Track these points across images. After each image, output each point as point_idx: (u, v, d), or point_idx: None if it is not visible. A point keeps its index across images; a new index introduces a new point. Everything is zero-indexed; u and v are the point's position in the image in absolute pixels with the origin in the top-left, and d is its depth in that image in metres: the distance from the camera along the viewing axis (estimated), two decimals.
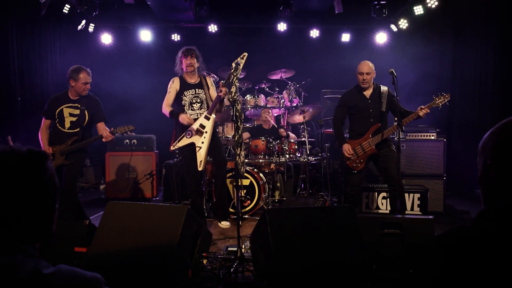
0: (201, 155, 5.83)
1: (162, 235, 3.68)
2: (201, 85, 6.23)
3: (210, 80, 6.41)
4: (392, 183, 5.86)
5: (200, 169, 5.84)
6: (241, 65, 5.22)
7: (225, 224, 6.26)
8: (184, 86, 6.19)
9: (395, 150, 5.67)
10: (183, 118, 5.97)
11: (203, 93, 6.20)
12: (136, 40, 10.81)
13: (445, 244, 1.44)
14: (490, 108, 8.63)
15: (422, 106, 5.71)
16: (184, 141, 6.01)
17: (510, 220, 1.36)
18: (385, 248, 4.16)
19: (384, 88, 6.16)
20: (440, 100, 5.78)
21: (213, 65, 8.51)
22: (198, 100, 6.16)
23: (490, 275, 1.30)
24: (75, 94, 5.95)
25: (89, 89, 5.99)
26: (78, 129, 5.89)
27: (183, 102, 6.15)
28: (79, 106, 5.95)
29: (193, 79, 6.22)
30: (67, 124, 5.91)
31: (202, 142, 5.87)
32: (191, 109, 6.13)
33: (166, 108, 6.18)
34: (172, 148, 6.19)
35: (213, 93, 6.27)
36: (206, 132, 5.89)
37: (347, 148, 6.05)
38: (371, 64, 6.07)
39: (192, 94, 6.14)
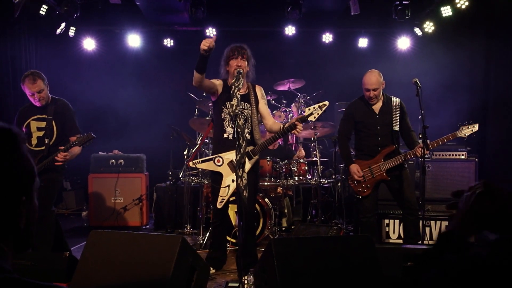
0: (225, 192, 5.42)
1: (153, 269, 3.70)
2: (248, 97, 5.59)
3: (260, 91, 5.80)
4: (408, 206, 5.89)
5: (219, 206, 5.43)
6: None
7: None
8: (227, 95, 5.39)
9: (420, 170, 5.70)
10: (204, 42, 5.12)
11: (249, 108, 5.56)
12: (123, 46, 10.89)
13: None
14: None
15: (421, 146, 5.69)
16: (210, 166, 5.59)
17: None
18: (408, 283, 4.17)
19: (396, 101, 6.15)
20: (466, 130, 5.81)
21: (212, 74, 8.57)
22: (242, 117, 5.12)
23: None
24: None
25: (44, 98, 5.81)
26: (44, 147, 5.75)
27: (222, 115, 5.56)
28: (46, 116, 5.84)
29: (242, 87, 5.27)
30: (34, 141, 5.84)
31: (233, 180, 5.33)
32: (232, 127, 5.08)
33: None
34: (191, 164, 5.84)
35: (264, 108, 5.73)
36: None
37: (356, 170, 6.04)
38: (379, 76, 6.01)
39: None
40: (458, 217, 1.58)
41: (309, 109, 5.20)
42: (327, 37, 10.79)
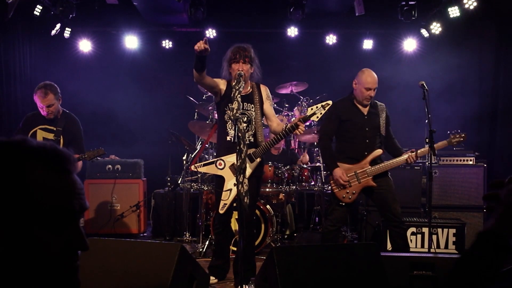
0: (226, 196, 5.38)
1: (151, 278, 3.70)
2: (251, 97, 5.52)
3: (266, 91, 5.71)
4: (392, 219, 5.82)
5: (221, 212, 5.38)
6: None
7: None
8: (230, 96, 5.11)
9: (427, 176, 5.70)
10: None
11: (253, 109, 5.49)
12: (120, 47, 10.88)
13: None
14: None
15: (413, 150, 5.80)
16: (211, 169, 5.55)
17: None
18: None
19: (382, 105, 6.07)
20: (456, 140, 5.97)
21: (215, 75, 8.57)
22: (245, 119, 5.30)
23: None
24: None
25: (53, 112, 5.87)
26: None
27: (225, 118, 5.48)
28: (55, 128, 5.88)
29: (243, 89, 5.18)
30: None
31: (234, 184, 5.21)
32: (234, 130, 5.12)
33: None
34: (193, 168, 5.89)
35: (269, 108, 5.69)
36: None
37: (341, 174, 5.79)
38: (375, 76, 5.90)
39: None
40: (499, 212, 1.38)
41: (312, 109, 5.19)
42: (331, 39, 10.76)
